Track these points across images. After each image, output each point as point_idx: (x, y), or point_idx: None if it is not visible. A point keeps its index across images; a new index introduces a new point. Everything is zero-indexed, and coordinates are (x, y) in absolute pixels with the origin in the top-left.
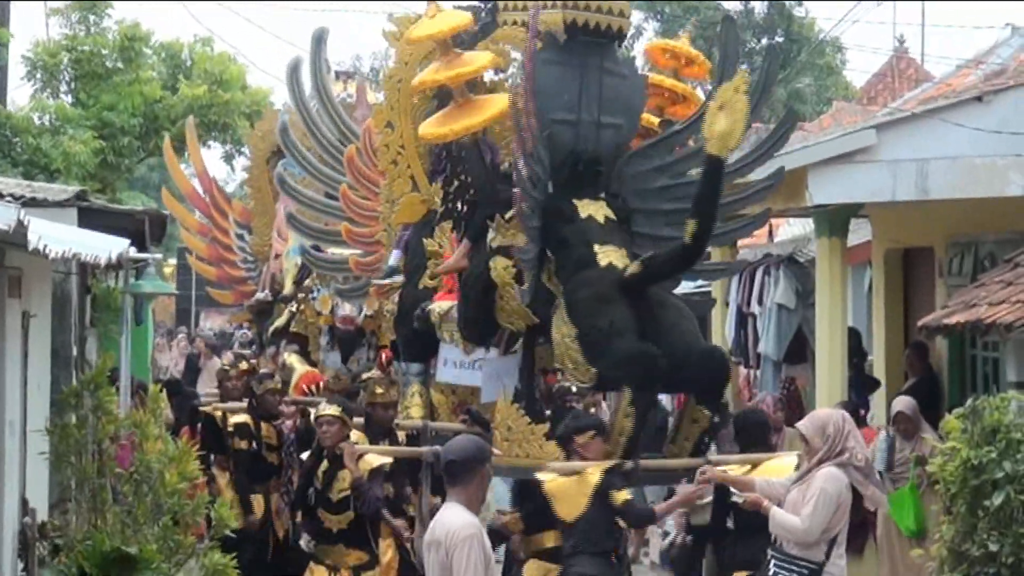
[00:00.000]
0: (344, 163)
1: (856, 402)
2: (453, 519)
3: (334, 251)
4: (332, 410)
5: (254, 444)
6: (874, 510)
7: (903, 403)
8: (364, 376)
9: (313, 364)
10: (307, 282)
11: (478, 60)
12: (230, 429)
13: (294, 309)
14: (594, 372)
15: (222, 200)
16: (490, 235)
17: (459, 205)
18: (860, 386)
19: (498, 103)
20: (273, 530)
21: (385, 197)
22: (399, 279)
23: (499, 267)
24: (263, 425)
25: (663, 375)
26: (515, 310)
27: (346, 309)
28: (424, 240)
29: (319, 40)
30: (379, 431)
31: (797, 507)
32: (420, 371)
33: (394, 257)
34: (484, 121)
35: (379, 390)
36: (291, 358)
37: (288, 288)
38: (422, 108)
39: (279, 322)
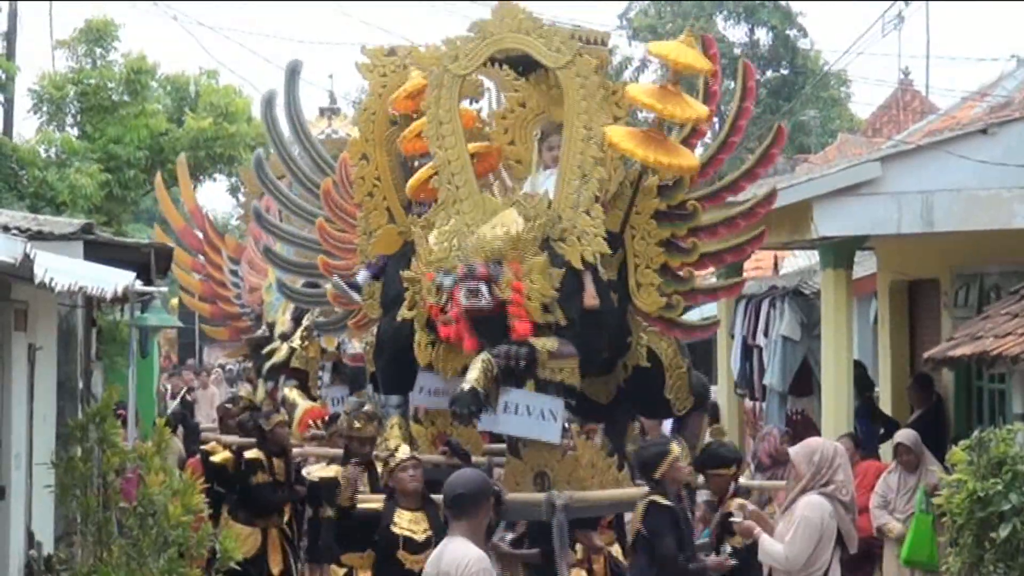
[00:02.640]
0: (320, 196)
1: (865, 434)
2: (463, 553)
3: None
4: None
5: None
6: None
7: (903, 435)
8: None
9: (313, 399)
10: (307, 318)
11: (697, 109)
12: (240, 465)
13: (295, 345)
14: (692, 400)
15: (215, 236)
16: (600, 269)
17: None
18: (869, 418)
19: (691, 157)
20: (268, 566)
21: (362, 229)
22: (357, 297)
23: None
24: (274, 461)
25: None
26: None
27: (355, 346)
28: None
29: (293, 72)
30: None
31: (783, 536)
32: (400, 403)
33: (361, 276)
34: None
35: (357, 424)
36: (292, 394)
37: (283, 324)
38: (395, 139)
39: (278, 358)
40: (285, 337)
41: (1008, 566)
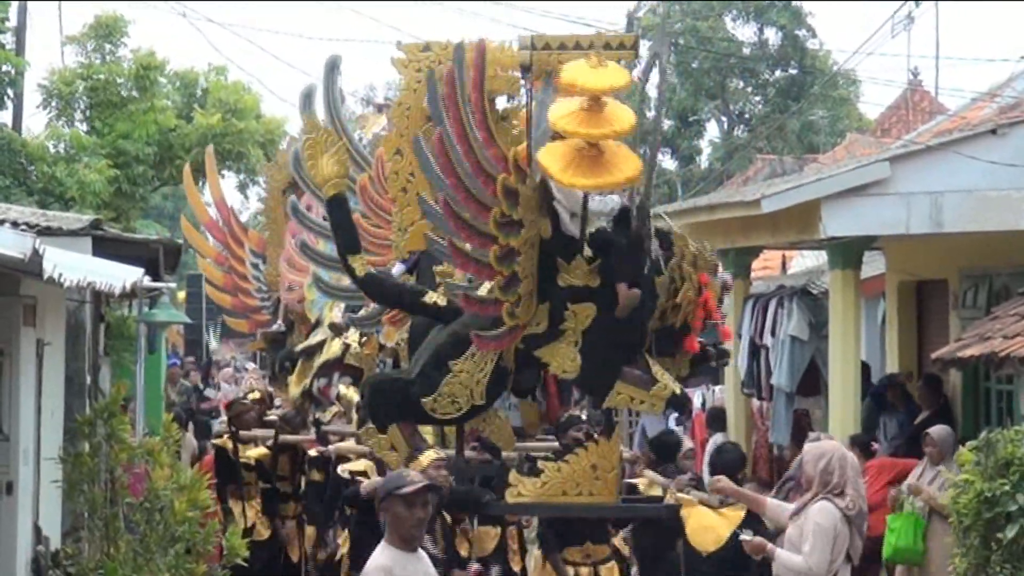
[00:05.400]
0: (357, 192)
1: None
2: (371, 559)
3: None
4: None
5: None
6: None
7: (935, 428)
8: None
9: None
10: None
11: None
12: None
13: (349, 341)
14: None
15: (239, 229)
16: None
17: None
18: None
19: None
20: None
21: (396, 225)
22: None
23: None
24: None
25: None
26: None
27: None
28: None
29: (332, 67)
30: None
31: (794, 543)
32: None
33: (396, 269)
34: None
35: None
36: (348, 391)
37: (333, 319)
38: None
39: (330, 354)
40: (340, 332)
41: (1015, 567)
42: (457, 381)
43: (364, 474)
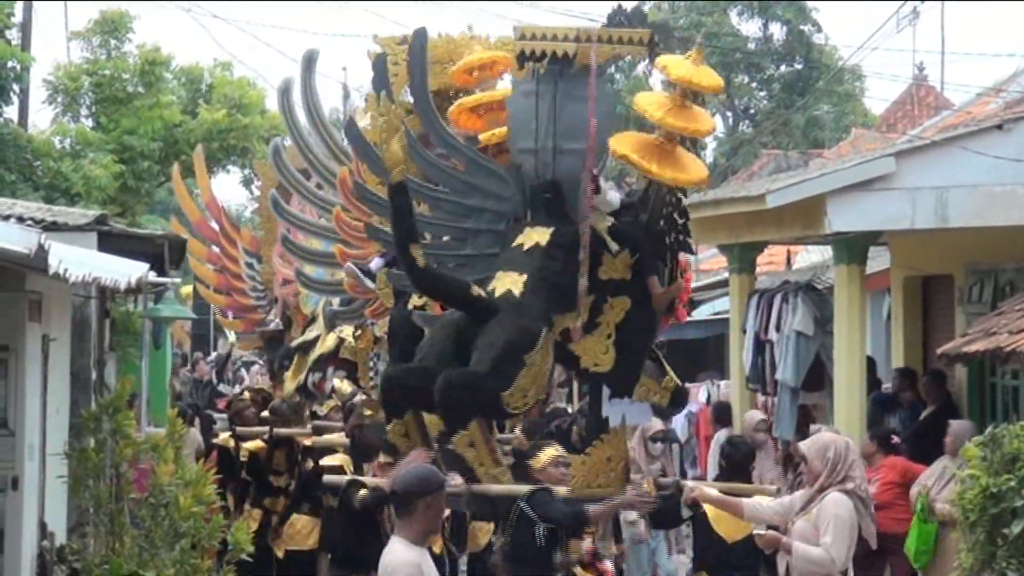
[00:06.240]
0: (337, 185)
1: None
2: (394, 556)
3: None
4: None
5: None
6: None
7: (957, 422)
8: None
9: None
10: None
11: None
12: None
13: (343, 335)
14: None
15: (231, 229)
16: None
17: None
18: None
19: (700, 169)
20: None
21: (377, 219)
22: (370, 284)
23: None
24: None
25: None
26: None
27: None
28: None
29: (309, 62)
30: (365, 454)
31: (807, 537)
32: None
33: (375, 264)
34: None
35: (367, 412)
36: (343, 384)
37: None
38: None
39: (324, 348)
40: (333, 327)
41: (1021, 562)
42: (530, 374)
43: (341, 468)
